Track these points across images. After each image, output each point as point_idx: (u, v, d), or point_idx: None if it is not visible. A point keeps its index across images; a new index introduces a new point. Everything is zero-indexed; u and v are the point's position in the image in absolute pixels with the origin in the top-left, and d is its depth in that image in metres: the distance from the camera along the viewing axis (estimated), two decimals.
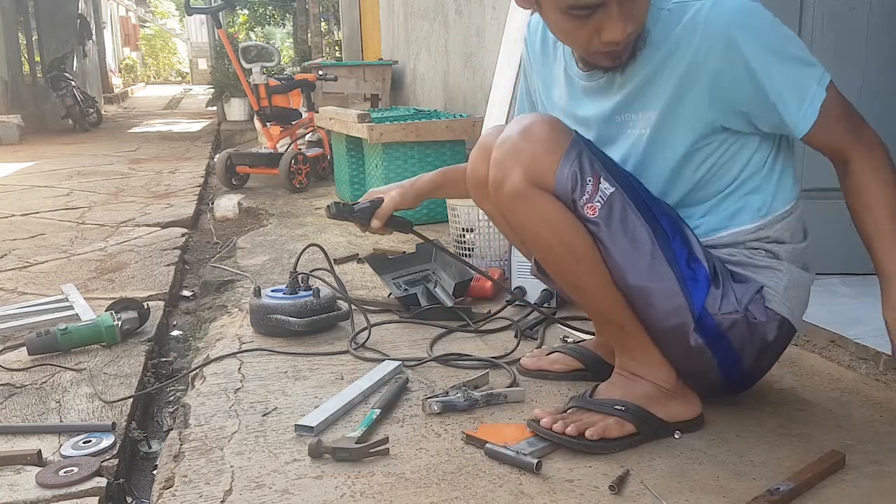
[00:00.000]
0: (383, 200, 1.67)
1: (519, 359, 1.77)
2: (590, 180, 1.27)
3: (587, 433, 1.33)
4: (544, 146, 1.29)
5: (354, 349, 1.90)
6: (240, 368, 1.81)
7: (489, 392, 1.56)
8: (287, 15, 15.32)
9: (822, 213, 1.92)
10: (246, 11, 15.34)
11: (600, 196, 1.28)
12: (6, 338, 2.10)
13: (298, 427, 1.45)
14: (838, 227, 2.14)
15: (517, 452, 1.31)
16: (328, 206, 1.65)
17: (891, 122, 2.16)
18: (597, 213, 1.28)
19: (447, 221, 2.87)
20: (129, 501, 1.41)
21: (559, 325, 2.04)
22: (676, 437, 1.39)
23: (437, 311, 2.12)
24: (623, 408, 1.37)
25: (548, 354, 1.72)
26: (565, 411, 1.41)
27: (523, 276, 2.21)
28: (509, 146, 1.31)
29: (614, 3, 1.21)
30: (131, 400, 1.68)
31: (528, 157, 1.29)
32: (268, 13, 15.35)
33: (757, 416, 1.49)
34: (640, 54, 1.32)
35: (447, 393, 1.55)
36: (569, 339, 1.93)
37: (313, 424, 1.44)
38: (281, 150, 4.78)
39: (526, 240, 1.39)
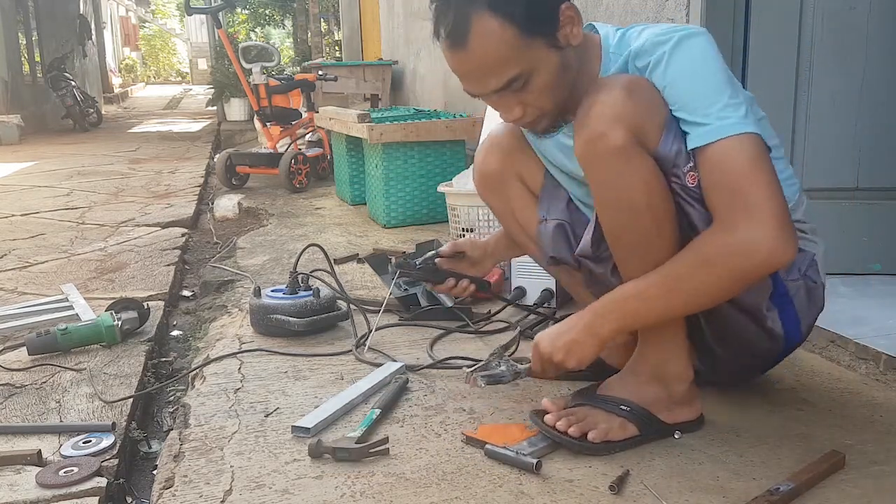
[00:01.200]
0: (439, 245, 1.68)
1: (517, 360, 1.77)
2: (689, 152, 1.25)
3: (590, 436, 1.34)
4: (651, 105, 1.26)
5: (356, 348, 1.89)
6: (240, 368, 1.81)
7: (529, 366, 1.47)
8: (287, 15, 15.31)
9: (822, 213, 1.92)
10: (246, 12, 15.33)
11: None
12: (6, 338, 2.10)
13: (295, 428, 1.45)
14: (838, 226, 2.15)
15: (517, 453, 1.31)
16: (397, 263, 1.63)
17: (891, 122, 2.16)
18: (696, 183, 1.26)
19: (447, 221, 2.87)
20: (129, 501, 1.42)
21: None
22: (676, 437, 1.39)
23: (437, 312, 2.12)
24: (628, 409, 1.37)
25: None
26: (573, 405, 1.41)
27: (523, 276, 2.21)
28: (612, 101, 1.25)
29: (492, 96, 1.31)
30: (131, 400, 1.68)
31: (633, 114, 1.24)
32: (268, 13, 15.34)
33: (757, 416, 1.49)
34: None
35: (490, 364, 1.49)
36: None
37: (309, 426, 1.44)
38: (281, 150, 4.78)
39: (607, 203, 1.32)
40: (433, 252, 1.70)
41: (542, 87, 1.29)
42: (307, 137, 5.04)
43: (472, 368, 1.47)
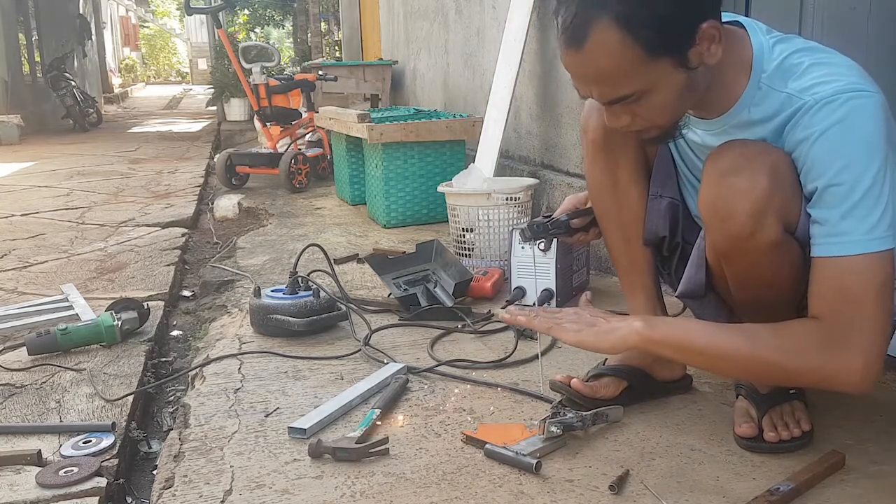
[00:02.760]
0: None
1: (517, 361, 1.76)
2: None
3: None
4: (795, 191, 1.20)
5: (357, 350, 1.89)
6: (240, 368, 1.81)
7: (595, 411, 1.43)
8: (287, 15, 15.31)
9: None
10: (247, 12, 15.33)
11: None
12: (6, 338, 2.10)
13: (291, 430, 1.45)
14: None
15: (517, 453, 1.31)
16: (523, 230, 1.58)
17: None
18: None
19: (447, 221, 2.87)
20: (129, 501, 1.41)
21: None
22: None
23: (437, 312, 2.12)
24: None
25: (590, 378, 1.55)
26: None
27: (523, 275, 2.21)
28: (759, 191, 1.18)
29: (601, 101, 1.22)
30: (131, 400, 1.68)
31: (780, 206, 1.19)
32: (268, 13, 15.33)
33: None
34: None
35: (558, 413, 1.41)
36: None
37: (305, 427, 1.44)
38: (281, 150, 4.78)
39: (751, 284, 1.28)
40: (566, 217, 1.61)
41: (658, 106, 1.20)
42: (307, 137, 5.04)
43: (544, 418, 1.39)
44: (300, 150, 4.78)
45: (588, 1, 1.12)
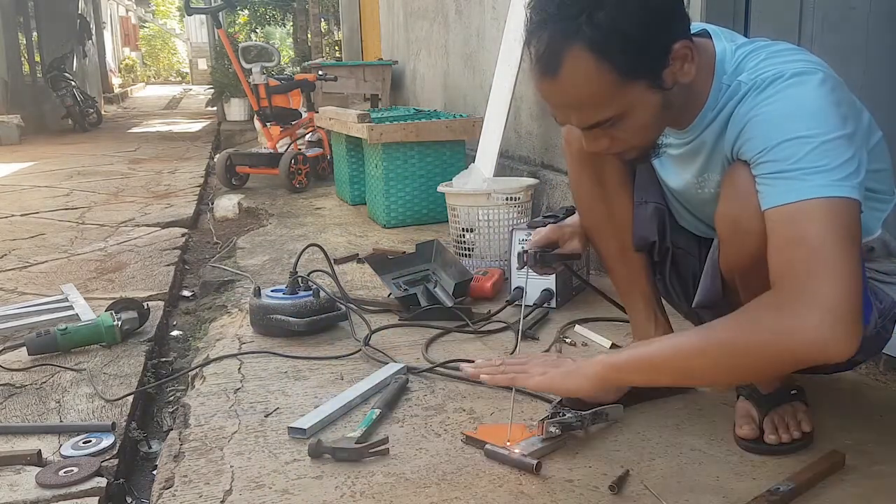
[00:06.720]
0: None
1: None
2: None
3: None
4: None
5: (357, 350, 1.89)
6: (240, 368, 1.81)
7: (595, 411, 1.43)
8: (287, 15, 15.30)
9: None
10: (247, 12, 15.32)
11: None
12: (6, 338, 2.10)
13: (291, 430, 1.45)
14: None
15: (516, 453, 1.31)
16: (520, 254, 1.58)
17: (891, 123, 2.16)
18: None
19: (447, 221, 2.87)
20: (129, 501, 1.41)
21: (577, 327, 2.05)
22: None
23: (437, 312, 2.12)
24: None
25: None
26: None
27: (523, 275, 2.20)
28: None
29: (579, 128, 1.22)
30: (131, 400, 1.68)
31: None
32: (268, 13, 15.33)
33: None
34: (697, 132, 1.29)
35: (558, 413, 1.42)
36: (567, 340, 1.93)
37: (305, 427, 1.44)
38: (281, 150, 4.78)
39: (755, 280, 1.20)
40: (539, 250, 1.62)
41: (635, 128, 1.20)
42: (307, 137, 5.04)
43: (543, 418, 1.40)
44: (300, 150, 4.78)
45: (559, 29, 1.12)
